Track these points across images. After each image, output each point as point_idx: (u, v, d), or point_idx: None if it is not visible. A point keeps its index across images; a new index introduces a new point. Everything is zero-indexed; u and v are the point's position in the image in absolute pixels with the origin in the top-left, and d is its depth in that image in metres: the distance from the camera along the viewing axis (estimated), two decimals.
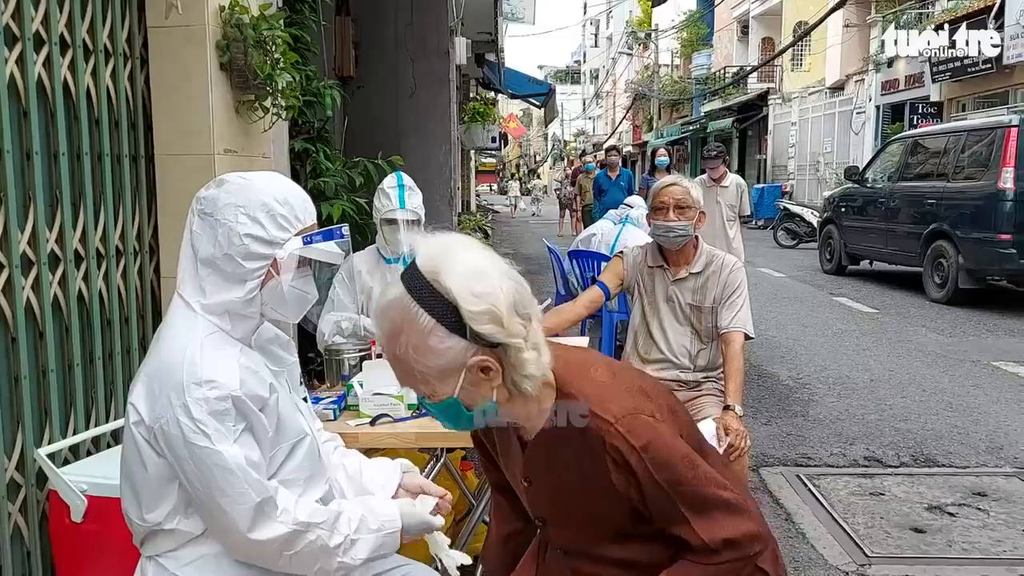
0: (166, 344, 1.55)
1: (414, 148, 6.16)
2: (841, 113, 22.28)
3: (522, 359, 1.26)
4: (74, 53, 2.54)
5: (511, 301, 1.24)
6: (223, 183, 1.60)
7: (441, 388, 1.28)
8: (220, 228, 1.56)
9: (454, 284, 1.22)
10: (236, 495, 1.47)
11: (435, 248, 1.27)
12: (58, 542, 2.32)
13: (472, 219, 12.75)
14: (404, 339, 1.24)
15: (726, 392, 2.86)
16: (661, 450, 1.33)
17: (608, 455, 1.32)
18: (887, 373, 6.13)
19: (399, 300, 1.25)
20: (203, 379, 1.48)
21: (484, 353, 1.25)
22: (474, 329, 1.22)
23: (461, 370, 1.25)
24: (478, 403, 1.30)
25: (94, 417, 2.64)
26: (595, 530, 1.47)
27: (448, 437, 2.15)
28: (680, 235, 3.01)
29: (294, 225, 1.61)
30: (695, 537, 1.36)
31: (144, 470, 1.54)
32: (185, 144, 2.88)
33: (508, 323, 1.23)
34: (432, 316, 1.22)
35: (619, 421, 1.32)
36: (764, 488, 3.90)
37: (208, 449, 1.46)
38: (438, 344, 1.23)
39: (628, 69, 46.53)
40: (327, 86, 3.78)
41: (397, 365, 1.29)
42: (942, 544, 3.31)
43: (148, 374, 1.54)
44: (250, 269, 1.57)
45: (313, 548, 1.55)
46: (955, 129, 10.03)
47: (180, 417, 1.46)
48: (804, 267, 12.69)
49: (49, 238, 2.44)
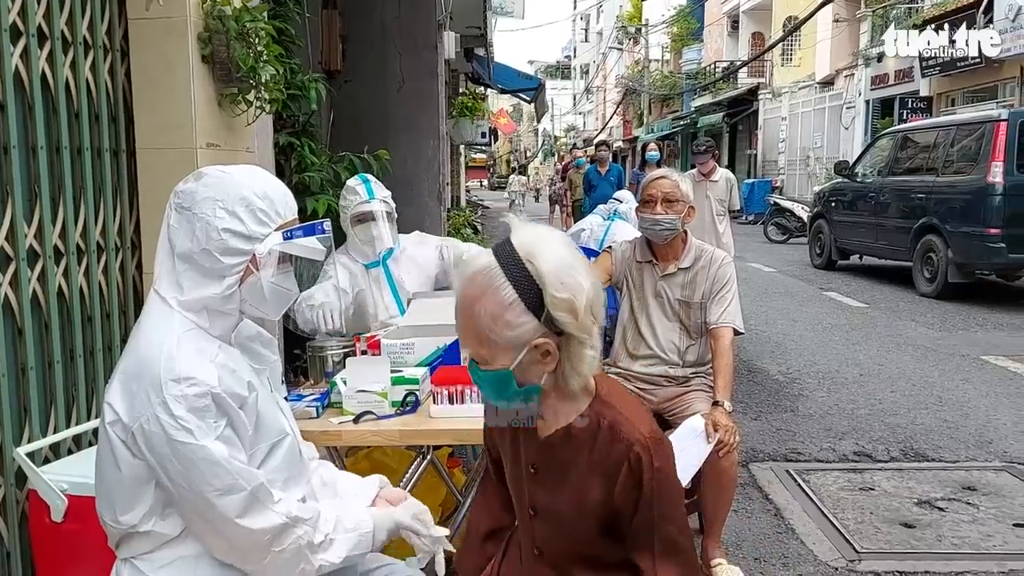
0: (143, 341, 1.52)
1: (403, 143, 6.12)
2: (831, 108, 22.34)
3: (582, 354, 1.36)
4: (52, 45, 2.49)
5: (589, 299, 1.35)
6: (201, 176, 1.57)
7: (500, 359, 1.36)
8: (198, 222, 1.52)
9: (545, 270, 1.32)
10: (225, 486, 1.45)
11: (533, 235, 1.38)
12: (38, 542, 2.29)
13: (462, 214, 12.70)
14: (482, 305, 1.33)
15: (715, 388, 2.84)
16: (671, 480, 1.43)
17: (628, 463, 1.40)
18: (877, 368, 6.13)
19: (489, 269, 1.35)
20: (181, 376, 1.44)
21: (550, 338, 1.35)
22: (551, 313, 1.32)
23: (524, 347, 1.34)
24: (527, 383, 1.39)
25: (75, 415, 2.60)
26: (579, 531, 1.49)
27: (431, 435, 2.12)
28: (667, 228, 2.98)
29: (273, 220, 1.57)
30: (649, 571, 1.43)
31: (119, 471, 1.50)
32: (167, 138, 2.83)
33: (582, 317, 1.33)
34: (516, 291, 1.32)
35: (650, 438, 1.41)
36: (754, 484, 3.89)
37: (192, 445, 1.42)
38: (514, 318, 1.32)
39: (618, 64, 46.53)
40: (312, 79, 3.73)
41: (466, 325, 1.37)
42: (932, 539, 3.30)
43: (124, 372, 1.50)
44: (228, 264, 1.54)
45: (299, 545, 1.53)
46: (944, 124, 10.06)
47: (160, 415, 1.42)
48: (794, 262, 12.71)
49: (28, 233, 2.39)
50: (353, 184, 3.13)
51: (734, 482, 2.85)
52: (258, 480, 1.49)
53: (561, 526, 1.51)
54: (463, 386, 2.07)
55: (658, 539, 1.42)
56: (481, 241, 11.34)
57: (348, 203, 3.10)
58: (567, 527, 1.50)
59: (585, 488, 1.45)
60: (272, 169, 3.60)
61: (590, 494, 1.44)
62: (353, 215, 3.09)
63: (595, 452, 1.43)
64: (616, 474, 1.41)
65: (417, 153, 6.37)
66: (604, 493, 1.42)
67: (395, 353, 2.34)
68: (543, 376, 1.39)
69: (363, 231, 3.10)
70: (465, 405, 2.08)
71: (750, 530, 3.39)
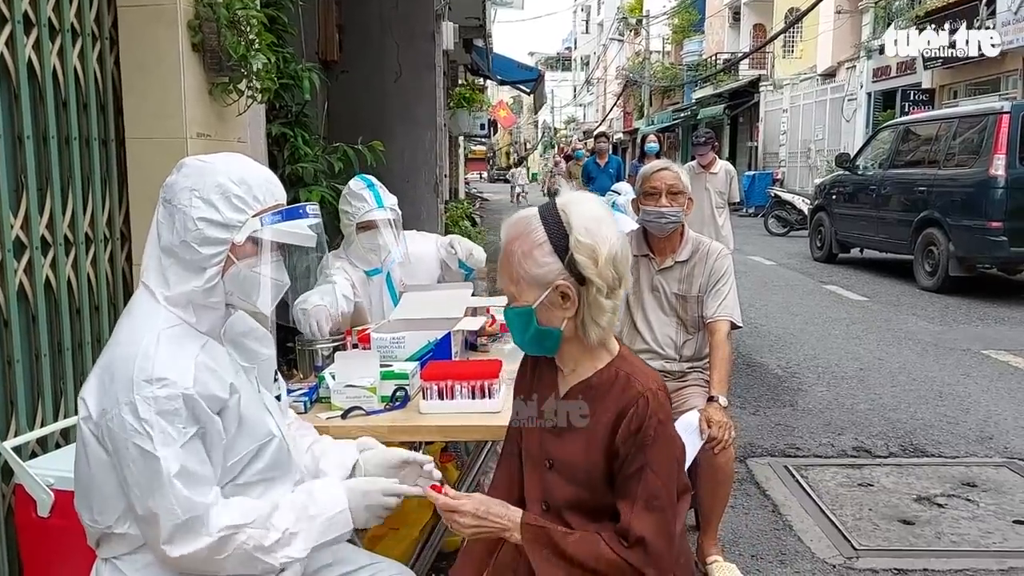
0: (123, 336, 1.48)
1: (400, 134, 6.07)
2: (833, 100, 22.24)
3: (600, 302, 1.47)
4: (39, 32, 2.45)
5: (612, 252, 1.47)
6: (182, 167, 1.54)
7: (526, 295, 1.50)
8: (177, 214, 1.50)
9: (574, 216, 1.47)
10: (165, 507, 1.40)
11: (574, 195, 1.54)
12: (25, 537, 2.25)
13: (460, 206, 12.63)
14: (518, 244, 1.49)
15: (710, 383, 2.81)
16: (668, 434, 1.52)
17: (635, 408, 1.48)
18: (877, 362, 6.10)
19: (528, 215, 1.52)
20: (154, 376, 1.40)
21: (571, 283, 1.47)
22: (573, 256, 1.45)
23: (547, 287, 1.48)
24: (549, 325, 1.51)
25: (63, 409, 2.57)
26: (590, 479, 1.55)
27: (420, 431, 2.09)
28: (672, 221, 2.94)
29: (251, 206, 1.53)
30: (625, 518, 1.49)
31: (92, 469, 1.47)
32: (156, 127, 2.79)
33: (602, 265, 1.46)
34: (546, 233, 1.48)
35: (658, 391, 1.52)
36: (751, 479, 3.85)
37: (148, 452, 1.38)
38: (541, 256, 1.47)
39: (619, 56, 46.36)
40: (305, 69, 3.68)
41: (503, 263, 1.53)
42: (931, 536, 3.27)
43: (101, 367, 1.47)
44: (207, 255, 1.50)
45: (246, 549, 1.46)
46: (946, 116, 9.99)
47: (126, 416, 1.38)
48: (794, 255, 12.66)
49: (14, 224, 2.36)
50: (358, 189, 3.02)
51: (730, 478, 2.81)
52: (195, 512, 1.42)
53: (574, 477, 1.56)
54: (453, 381, 2.03)
55: (641, 488, 1.48)
56: (479, 233, 11.29)
57: (355, 209, 3.00)
58: (580, 477, 1.55)
59: (597, 435, 1.52)
60: (265, 160, 3.55)
61: (601, 440, 1.52)
62: (360, 223, 3.01)
63: (610, 400, 1.52)
64: (623, 418, 1.49)
65: (414, 145, 6.32)
66: (610, 438, 1.50)
67: (385, 347, 2.30)
68: (564, 321, 1.50)
69: (368, 239, 3.02)
70: (455, 401, 2.04)
71: (747, 527, 3.35)
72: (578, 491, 1.56)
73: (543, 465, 1.61)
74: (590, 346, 1.54)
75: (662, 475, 1.49)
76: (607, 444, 1.51)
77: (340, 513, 1.58)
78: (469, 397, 2.04)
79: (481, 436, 2.15)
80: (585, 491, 1.55)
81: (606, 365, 1.56)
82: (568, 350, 1.57)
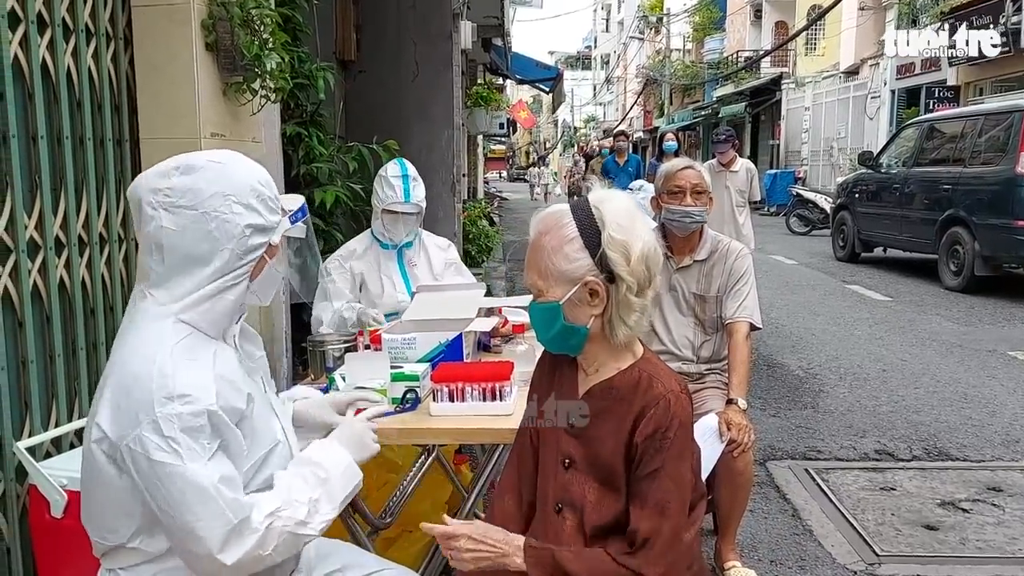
0: (132, 354, 1.41)
1: (416, 134, 6.06)
2: (856, 98, 21.99)
3: (630, 300, 1.46)
4: (54, 33, 2.45)
5: (644, 251, 1.45)
6: (194, 170, 1.44)
7: (554, 291, 1.48)
8: (213, 222, 1.43)
9: (608, 213, 1.45)
10: (211, 516, 1.35)
11: (607, 192, 1.52)
12: (39, 538, 2.26)
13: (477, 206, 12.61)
14: (548, 238, 1.47)
15: (729, 385, 2.76)
16: (685, 437, 1.48)
17: (655, 409, 1.46)
18: (900, 363, 6.00)
19: (559, 209, 1.51)
20: (176, 393, 1.35)
21: (600, 279, 1.45)
22: (605, 253, 1.43)
23: (576, 283, 1.46)
24: (575, 322, 1.48)
25: (77, 409, 2.57)
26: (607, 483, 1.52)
27: (431, 434, 2.06)
28: (696, 220, 2.90)
29: (279, 206, 1.54)
30: (635, 520, 1.47)
31: (104, 490, 1.42)
32: (170, 127, 2.79)
33: (634, 263, 1.44)
34: (577, 229, 1.46)
35: (681, 393, 1.50)
36: (771, 483, 3.79)
37: (179, 468, 1.33)
38: (571, 252, 1.45)
39: (639, 54, 46.17)
40: (320, 68, 3.67)
41: (531, 258, 1.51)
42: (955, 542, 3.20)
43: (113, 388, 1.40)
44: (249, 259, 1.48)
45: (287, 530, 1.45)
46: (972, 113, 9.84)
47: (148, 435, 1.33)
48: (817, 254, 12.52)
49: (28, 224, 2.36)
50: (391, 178, 3.09)
51: (749, 482, 2.76)
52: (244, 512, 1.39)
53: (593, 477, 1.53)
54: (464, 383, 2.00)
55: (653, 492, 1.45)
56: (497, 232, 11.27)
57: (384, 196, 3.09)
58: (598, 477, 1.52)
59: (615, 436, 1.50)
60: (280, 160, 3.55)
61: (618, 441, 1.49)
62: (384, 208, 3.10)
63: (633, 402, 1.50)
64: (642, 418, 1.47)
65: (431, 144, 6.31)
66: (629, 438, 1.48)
67: (396, 348, 2.28)
68: (591, 319, 1.48)
69: (389, 221, 3.13)
70: (466, 403, 2.01)
71: (766, 531, 3.30)
72: (597, 492, 1.53)
73: (560, 465, 1.58)
74: (615, 346, 1.51)
75: (676, 481, 1.46)
76: (627, 444, 1.49)
77: (348, 467, 1.60)
78: (480, 399, 2.01)
79: (492, 439, 2.12)
80: (604, 492, 1.52)
81: (629, 367, 1.54)
82: (592, 349, 1.54)
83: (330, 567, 1.74)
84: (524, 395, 2.12)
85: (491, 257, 10.81)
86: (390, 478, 2.75)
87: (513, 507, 1.65)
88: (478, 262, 9.76)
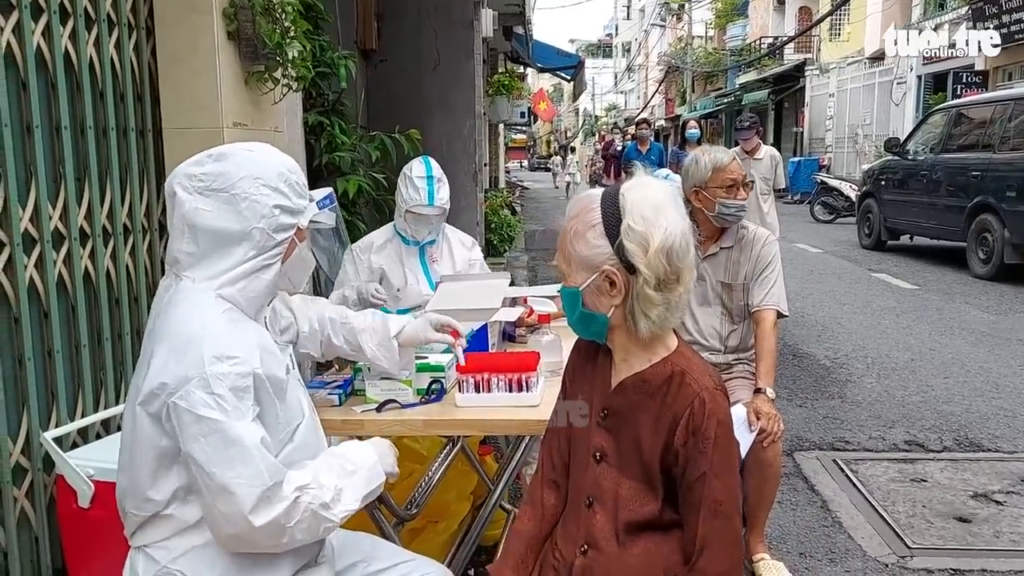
0: (180, 320, 1.47)
1: (438, 122, 6.04)
2: (881, 84, 21.67)
3: (647, 294, 1.40)
4: (75, 22, 2.45)
5: (667, 244, 1.38)
6: (225, 157, 1.54)
7: (575, 276, 1.46)
8: (243, 203, 1.51)
9: (632, 201, 1.41)
10: (249, 475, 1.41)
11: (642, 180, 1.47)
12: (66, 528, 2.27)
13: (499, 195, 12.57)
14: (575, 223, 1.45)
15: (757, 374, 2.72)
16: (728, 435, 1.44)
17: (691, 408, 1.42)
18: (929, 352, 5.91)
19: (591, 195, 1.48)
20: (225, 354, 1.43)
21: (619, 270, 1.41)
22: (623, 242, 1.39)
23: (595, 271, 1.43)
24: (596, 310, 1.46)
25: (103, 399, 2.58)
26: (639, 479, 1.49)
27: (456, 425, 2.04)
28: (744, 211, 2.87)
29: (307, 192, 1.62)
30: (691, 528, 1.43)
31: (145, 453, 1.47)
32: (193, 117, 2.79)
33: (652, 255, 1.38)
34: (601, 215, 1.42)
35: (716, 390, 1.45)
36: (799, 474, 3.74)
37: (224, 424, 1.39)
38: (592, 239, 1.42)
39: (661, 41, 45.80)
40: (341, 56, 3.64)
41: (561, 240, 1.48)
42: (989, 535, 3.13)
43: (163, 350, 1.45)
44: (280, 240, 1.56)
45: (312, 510, 1.49)
46: (1002, 98, 9.63)
47: (196, 391, 1.39)
48: (842, 242, 12.37)
49: (52, 215, 2.36)
50: (416, 179, 3.00)
51: (778, 473, 2.72)
52: (280, 476, 1.45)
53: (626, 471, 1.50)
54: (490, 374, 1.98)
55: (705, 495, 1.41)
56: (519, 222, 11.23)
57: (408, 197, 3.00)
58: (632, 471, 1.49)
59: (650, 434, 1.46)
60: (302, 149, 3.54)
61: (654, 440, 1.46)
62: (408, 209, 3.03)
63: (666, 398, 1.45)
64: (679, 419, 1.43)
65: (452, 133, 6.28)
66: (666, 439, 1.44)
67: None
68: (611, 308, 1.44)
69: (413, 221, 3.07)
70: (492, 394, 1.99)
71: (795, 523, 3.25)
72: (630, 487, 1.49)
73: (591, 458, 1.54)
74: (642, 338, 1.46)
75: (724, 479, 1.42)
76: (665, 442, 1.45)
77: (374, 467, 1.65)
78: (507, 390, 1.99)
79: (519, 430, 2.10)
80: (638, 488, 1.49)
81: (661, 360, 1.48)
82: (619, 339, 1.50)
83: (355, 557, 1.76)
84: (551, 386, 2.11)
85: (513, 247, 10.78)
86: (415, 469, 2.74)
87: (554, 501, 1.62)
88: (500, 251, 9.74)
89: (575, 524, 1.54)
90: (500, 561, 1.61)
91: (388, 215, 4.09)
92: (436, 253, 3.16)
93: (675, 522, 1.48)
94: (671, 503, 1.48)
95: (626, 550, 1.47)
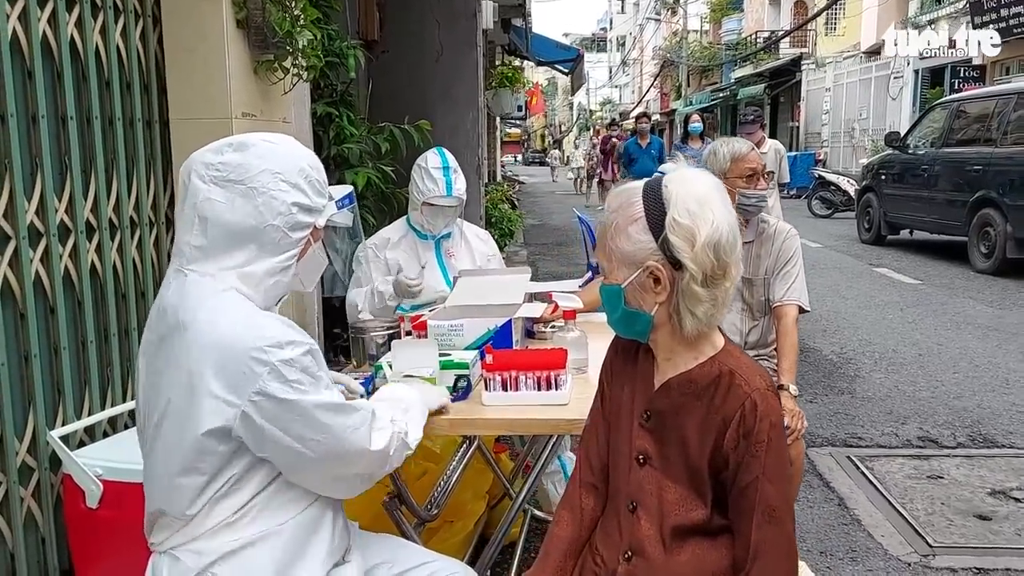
0: (213, 325, 1.37)
1: (441, 115, 5.94)
2: (878, 78, 21.65)
3: (693, 290, 1.33)
4: (81, 10, 2.38)
5: (714, 238, 1.32)
6: (247, 147, 1.45)
7: (616, 273, 1.40)
8: (260, 197, 1.43)
9: (678, 194, 1.34)
10: (356, 420, 1.48)
11: (685, 171, 1.41)
12: (73, 528, 2.20)
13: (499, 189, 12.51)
14: (616, 216, 1.39)
15: (779, 371, 2.66)
16: (780, 438, 1.38)
17: (742, 410, 1.35)
18: (936, 347, 5.87)
19: (633, 187, 1.41)
20: (282, 340, 1.38)
21: (664, 266, 1.34)
22: (668, 237, 1.32)
23: (638, 268, 1.36)
24: (639, 308, 1.40)
25: (110, 396, 2.51)
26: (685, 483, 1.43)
27: (483, 424, 1.97)
28: (765, 203, 2.81)
29: (326, 190, 1.55)
30: (744, 536, 1.37)
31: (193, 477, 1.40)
32: (201, 108, 2.71)
33: (699, 250, 1.31)
34: (643, 209, 1.35)
35: (767, 391, 1.38)
36: (813, 470, 3.69)
37: (313, 398, 1.40)
38: (635, 233, 1.36)
39: (656, 35, 45.71)
40: (350, 46, 3.57)
41: (601, 235, 1.43)
42: (1010, 533, 3.09)
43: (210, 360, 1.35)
44: (295, 239, 1.48)
45: (401, 438, 1.60)
46: (1004, 92, 9.60)
47: (271, 383, 1.35)
48: (841, 237, 12.33)
49: (58, 208, 2.29)
50: (432, 170, 2.93)
51: (800, 471, 2.68)
52: (371, 408, 1.55)
53: (671, 475, 1.44)
54: (518, 372, 1.91)
55: (758, 500, 1.35)
56: (520, 216, 11.17)
57: (426, 189, 2.93)
58: (677, 474, 1.43)
59: (698, 436, 1.40)
60: (310, 140, 3.46)
61: (702, 443, 1.39)
62: (425, 201, 2.96)
63: (714, 400, 1.39)
64: (729, 421, 1.37)
65: (455, 126, 6.20)
66: (715, 443, 1.38)
67: (443, 335, 2.19)
68: (655, 307, 1.39)
69: (430, 213, 3.00)
70: (520, 392, 1.92)
71: (813, 521, 3.20)
72: (676, 492, 1.43)
73: (634, 461, 1.47)
74: (687, 336, 1.39)
75: (778, 484, 1.36)
76: (713, 445, 1.38)
77: (420, 403, 1.78)
78: (535, 388, 1.92)
79: (548, 430, 2.03)
80: (686, 493, 1.43)
81: (708, 359, 1.42)
82: (662, 339, 1.44)
83: (379, 558, 1.70)
84: (577, 384, 2.05)
85: (512, 241, 10.72)
86: (428, 467, 2.68)
87: (592, 504, 1.56)
88: (500, 246, 9.67)
89: (617, 529, 1.48)
90: (538, 566, 1.54)
91: (395, 207, 4.02)
92: (452, 247, 3.09)
93: (723, 527, 1.42)
94: (720, 508, 1.42)
95: (673, 557, 1.41)
